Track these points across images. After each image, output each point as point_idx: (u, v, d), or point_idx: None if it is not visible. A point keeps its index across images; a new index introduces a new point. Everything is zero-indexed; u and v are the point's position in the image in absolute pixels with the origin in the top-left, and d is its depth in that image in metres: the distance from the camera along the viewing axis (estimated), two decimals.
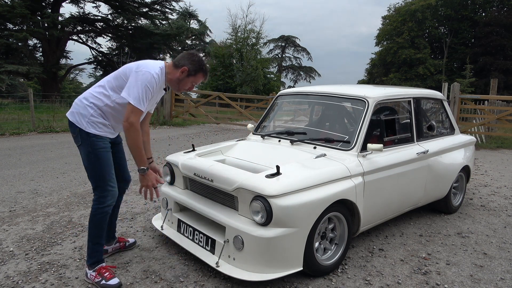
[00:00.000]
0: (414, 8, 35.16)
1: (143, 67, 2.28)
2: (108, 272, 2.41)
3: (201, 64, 2.42)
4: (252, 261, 2.30)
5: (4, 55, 19.19)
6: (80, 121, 2.32)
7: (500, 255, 3.06)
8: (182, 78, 2.41)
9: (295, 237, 2.31)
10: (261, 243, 2.25)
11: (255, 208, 2.31)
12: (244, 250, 2.31)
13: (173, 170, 3.10)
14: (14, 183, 4.90)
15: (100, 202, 2.38)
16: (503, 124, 9.41)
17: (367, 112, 2.97)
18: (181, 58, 2.41)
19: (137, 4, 22.41)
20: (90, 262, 2.43)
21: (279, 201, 2.25)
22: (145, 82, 2.23)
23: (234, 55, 25.42)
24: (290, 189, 2.31)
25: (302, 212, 2.32)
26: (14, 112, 12.10)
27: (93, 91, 2.39)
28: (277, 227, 2.26)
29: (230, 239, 2.39)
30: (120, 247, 2.89)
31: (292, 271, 2.34)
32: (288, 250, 2.31)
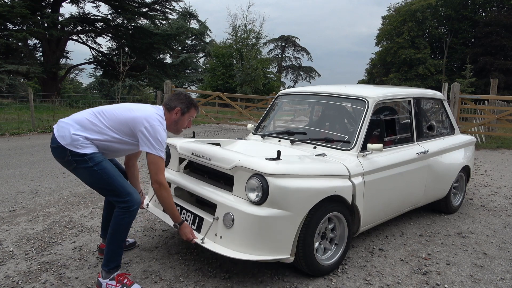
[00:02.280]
0: (414, 8, 35.17)
1: (152, 121, 2.31)
2: (127, 278, 2.36)
3: (190, 100, 2.54)
4: (240, 240, 2.24)
5: (4, 55, 19.18)
6: (72, 144, 2.23)
7: (500, 255, 3.06)
8: (178, 118, 2.51)
9: (288, 221, 2.28)
10: (252, 221, 2.21)
11: (252, 185, 2.28)
12: (233, 228, 2.26)
13: (170, 152, 3.09)
14: (14, 183, 4.90)
15: (128, 208, 2.30)
16: (503, 124, 9.41)
17: (367, 112, 2.97)
18: (170, 101, 2.50)
19: (137, 4, 22.42)
20: (110, 267, 2.32)
21: (276, 181, 2.23)
22: (162, 137, 2.32)
23: (234, 55, 25.42)
24: (288, 171, 2.30)
25: (297, 198, 2.29)
26: (14, 112, 12.10)
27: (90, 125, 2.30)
28: (271, 207, 2.23)
29: (220, 217, 2.35)
30: None
31: (279, 256, 2.28)
32: (278, 234, 2.26)
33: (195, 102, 2.59)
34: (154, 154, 2.27)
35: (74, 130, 2.26)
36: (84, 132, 2.28)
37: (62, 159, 2.28)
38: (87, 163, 2.24)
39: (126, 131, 2.33)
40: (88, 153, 2.25)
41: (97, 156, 2.28)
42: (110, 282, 2.31)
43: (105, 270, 2.33)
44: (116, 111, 2.36)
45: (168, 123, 2.48)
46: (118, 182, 2.30)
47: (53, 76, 21.27)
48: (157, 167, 2.28)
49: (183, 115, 2.52)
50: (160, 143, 2.30)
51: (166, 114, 2.47)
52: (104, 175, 2.27)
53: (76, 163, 2.25)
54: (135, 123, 2.31)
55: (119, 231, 2.32)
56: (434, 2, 34.44)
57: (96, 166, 2.25)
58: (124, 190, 2.31)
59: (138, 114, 2.33)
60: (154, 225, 3.49)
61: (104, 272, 2.33)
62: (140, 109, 2.37)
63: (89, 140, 2.28)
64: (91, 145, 2.28)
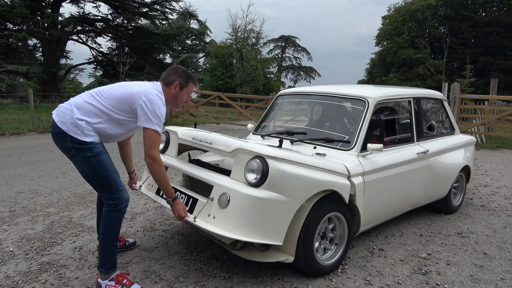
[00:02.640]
0: (414, 8, 35.17)
1: (151, 95, 2.29)
2: (126, 279, 2.34)
3: (188, 74, 2.51)
4: (234, 221, 2.19)
5: (4, 55, 19.18)
6: (72, 130, 2.22)
7: (500, 255, 3.05)
8: (177, 92, 2.47)
9: (283, 207, 2.25)
10: (249, 202, 2.18)
11: (252, 166, 2.25)
12: (227, 208, 2.22)
13: (169, 139, 3.06)
14: (14, 183, 4.90)
15: (117, 205, 2.30)
16: (503, 124, 9.41)
17: (367, 112, 2.97)
18: (168, 76, 2.46)
19: (137, 4, 22.42)
20: (106, 267, 2.31)
21: (277, 164, 2.22)
22: (161, 111, 2.29)
23: (234, 55, 25.42)
24: (289, 157, 2.29)
25: (295, 184, 2.28)
26: (14, 112, 12.10)
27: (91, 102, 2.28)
28: (269, 190, 2.21)
29: (215, 197, 2.31)
30: (120, 246, 2.88)
31: (270, 241, 2.22)
32: (273, 219, 2.22)
33: (193, 76, 2.56)
34: (150, 128, 2.23)
35: (77, 115, 2.25)
36: (85, 116, 2.26)
37: (62, 145, 2.27)
38: (86, 153, 2.23)
39: (125, 108, 2.30)
40: (88, 141, 2.24)
41: (96, 146, 2.27)
42: (109, 283, 2.30)
43: (103, 272, 2.32)
44: (113, 90, 2.33)
45: (167, 97, 2.44)
46: (112, 178, 2.30)
47: (53, 76, 21.27)
48: (152, 141, 2.24)
49: (181, 89, 2.48)
50: (158, 117, 2.26)
51: (165, 89, 2.43)
52: (100, 168, 2.26)
53: (75, 150, 2.24)
54: (133, 98, 2.27)
55: (110, 230, 2.31)
56: (434, 2, 34.44)
57: (93, 157, 2.25)
58: (116, 187, 2.30)
59: (136, 90, 2.30)
60: (154, 225, 3.49)
61: (102, 274, 2.32)
62: (137, 85, 2.35)
63: (91, 125, 2.26)
64: (92, 132, 2.27)
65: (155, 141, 2.25)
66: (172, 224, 3.53)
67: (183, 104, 2.58)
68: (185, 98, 2.55)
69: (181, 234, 3.29)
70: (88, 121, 2.26)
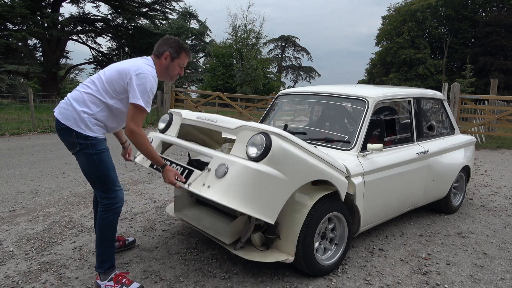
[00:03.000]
0: (414, 8, 35.17)
1: (141, 69, 2.23)
2: (125, 278, 2.34)
3: (180, 44, 2.40)
4: (229, 189, 2.12)
5: (4, 55, 19.18)
6: (78, 125, 2.22)
7: (500, 255, 3.06)
8: (168, 64, 2.39)
9: (281, 186, 2.20)
10: (247, 173, 2.13)
11: (255, 140, 2.22)
12: (224, 178, 2.14)
13: (172, 120, 3.00)
14: (14, 183, 4.90)
15: (112, 205, 2.30)
16: (503, 124, 9.41)
17: (367, 112, 2.97)
18: (159, 47, 2.39)
19: (137, 4, 22.42)
20: (104, 268, 2.30)
21: (280, 141, 2.20)
22: (149, 86, 2.22)
23: (234, 55, 25.42)
24: (292, 139, 2.26)
25: (295, 166, 2.25)
26: (14, 112, 12.10)
27: (87, 92, 2.27)
28: (269, 165, 2.16)
29: (213, 168, 2.24)
30: (119, 245, 2.88)
31: (262, 217, 2.13)
32: (269, 195, 2.16)
33: (186, 47, 2.45)
34: (135, 103, 2.17)
35: (78, 107, 2.23)
36: (85, 107, 2.24)
37: (68, 141, 2.26)
38: (89, 149, 2.23)
39: (119, 89, 2.25)
40: (92, 136, 2.23)
41: (99, 143, 2.27)
42: (108, 283, 2.30)
43: (101, 272, 2.31)
44: (104, 73, 2.31)
45: (159, 70, 2.38)
46: (111, 177, 2.30)
47: (53, 76, 21.27)
48: (134, 114, 2.18)
49: (172, 60, 2.39)
50: (146, 92, 2.20)
51: (156, 61, 2.37)
52: (100, 166, 2.26)
53: (80, 146, 2.23)
54: (123, 75, 2.22)
55: (105, 230, 2.31)
56: (434, 2, 34.44)
57: (95, 155, 2.24)
58: (113, 187, 2.31)
59: (125, 66, 2.26)
60: (154, 225, 3.49)
61: (101, 274, 2.32)
62: (126, 62, 2.31)
63: (93, 116, 2.25)
64: (96, 125, 2.26)
65: (137, 114, 2.18)
66: (172, 224, 3.53)
67: (176, 76, 2.50)
68: (178, 71, 2.46)
69: (181, 234, 3.29)
70: (89, 112, 2.24)
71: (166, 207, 3.46)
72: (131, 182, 5.05)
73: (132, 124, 2.18)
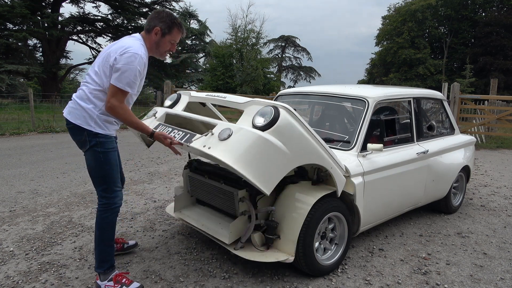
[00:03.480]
0: (414, 8, 35.15)
1: (127, 48, 2.14)
2: (125, 278, 2.33)
3: (172, 18, 2.29)
4: (230, 151, 2.07)
5: (4, 55, 19.19)
6: (87, 123, 2.21)
7: (500, 255, 3.06)
8: (158, 40, 2.29)
9: (282, 158, 2.17)
10: (251, 138, 2.09)
11: (264, 111, 2.20)
12: (227, 141, 2.10)
13: (180, 98, 2.96)
14: (14, 183, 4.90)
15: (110, 204, 2.29)
16: (503, 124, 9.41)
17: (367, 112, 2.97)
18: (150, 21, 2.29)
19: (137, 4, 22.42)
20: (104, 268, 2.30)
21: (288, 116, 2.19)
22: (133, 64, 2.13)
23: (234, 55, 25.42)
24: (299, 117, 2.25)
25: (299, 143, 2.24)
26: (14, 112, 12.10)
27: (90, 89, 2.24)
28: (273, 136, 2.14)
29: (216, 132, 2.19)
30: (117, 248, 2.80)
31: (260, 185, 2.07)
32: (269, 164, 2.12)
33: (179, 22, 2.32)
34: (114, 84, 2.12)
35: (84, 104, 2.22)
36: (91, 104, 2.22)
37: (79, 139, 2.26)
38: (97, 147, 2.22)
39: (109, 73, 2.18)
40: (102, 133, 2.22)
41: (108, 142, 2.26)
42: (108, 284, 2.29)
43: (101, 272, 2.31)
44: (96, 62, 2.28)
45: (149, 46, 2.29)
46: (113, 178, 2.30)
47: (53, 76, 21.28)
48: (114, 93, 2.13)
49: (163, 36, 2.28)
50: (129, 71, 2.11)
51: (146, 36, 2.28)
52: (105, 165, 2.26)
53: (89, 143, 2.22)
54: (108, 57, 2.17)
55: (104, 230, 2.31)
56: (434, 2, 34.42)
57: (102, 153, 2.24)
58: (113, 187, 2.31)
59: (111, 48, 2.21)
60: (154, 225, 3.49)
61: (101, 275, 2.31)
62: (113, 44, 2.25)
63: (100, 112, 2.22)
64: (105, 122, 2.24)
65: (118, 94, 2.14)
66: (172, 224, 3.53)
67: (166, 54, 2.39)
68: (168, 47, 2.36)
69: (181, 234, 3.29)
70: (95, 108, 2.22)
71: (166, 207, 3.46)
72: (131, 182, 5.05)
73: (113, 100, 2.14)
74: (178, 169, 5.85)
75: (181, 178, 3.27)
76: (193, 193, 3.11)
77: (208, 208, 3.06)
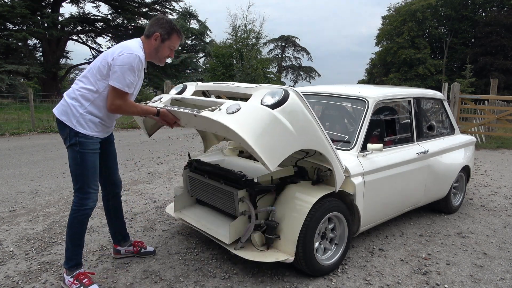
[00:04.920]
0: (414, 8, 35.15)
1: (125, 50, 2.18)
2: (87, 278, 2.35)
3: (172, 25, 2.33)
4: (238, 121, 2.05)
5: (4, 55, 19.20)
6: (69, 120, 2.24)
7: (500, 255, 3.06)
8: (158, 45, 2.33)
9: (288, 137, 2.16)
10: (260, 112, 2.09)
11: (274, 91, 2.21)
12: (235, 114, 2.08)
13: (186, 87, 2.95)
14: (14, 183, 4.90)
15: (81, 205, 2.31)
16: (503, 124, 9.40)
17: (367, 112, 2.97)
18: (150, 27, 2.33)
19: (137, 4, 22.45)
20: (69, 265, 2.36)
21: (297, 98, 2.19)
22: (131, 64, 2.16)
23: (234, 55, 25.41)
24: (307, 103, 2.26)
25: (305, 125, 2.24)
26: (14, 112, 12.10)
27: (79, 87, 2.27)
28: (281, 114, 2.13)
29: (224, 107, 2.16)
30: (133, 251, 2.83)
31: (264, 158, 2.04)
32: (275, 141, 2.11)
33: (178, 28, 2.37)
34: (113, 85, 2.15)
35: (70, 101, 2.26)
36: (76, 102, 2.25)
37: (63, 135, 2.31)
38: (76, 147, 2.26)
39: (106, 72, 2.20)
40: (82, 132, 2.24)
41: (88, 142, 2.27)
42: (71, 280, 2.35)
43: (66, 268, 2.36)
44: (94, 62, 2.30)
45: (148, 51, 2.32)
46: (88, 180, 2.30)
47: (53, 76, 21.29)
48: (115, 95, 2.18)
49: (163, 42, 2.32)
50: (128, 71, 2.14)
51: (146, 42, 2.32)
52: (81, 166, 2.27)
53: (69, 141, 2.26)
54: (107, 57, 2.19)
55: (72, 229, 2.34)
56: (434, 2, 34.42)
57: (79, 154, 2.26)
58: (87, 188, 2.31)
59: (110, 50, 2.24)
60: (154, 225, 3.49)
61: (67, 270, 2.37)
62: (113, 47, 2.27)
63: (85, 111, 2.25)
64: (89, 122, 2.26)
65: (119, 95, 2.19)
66: (172, 224, 3.53)
67: (165, 59, 2.42)
68: (167, 53, 2.39)
69: (181, 234, 3.29)
70: (80, 107, 2.24)
71: (166, 207, 3.46)
72: (131, 182, 5.05)
73: (118, 101, 2.20)
74: (178, 169, 5.85)
75: (181, 178, 3.27)
76: (193, 193, 3.11)
77: (208, 208, 3.06)
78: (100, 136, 2.37)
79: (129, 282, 2.47)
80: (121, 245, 2.80)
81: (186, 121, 2.48)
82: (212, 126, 2.27)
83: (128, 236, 2.86)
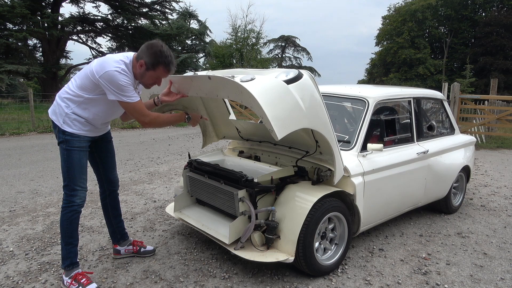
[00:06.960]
0: (414, 8, 35.17)
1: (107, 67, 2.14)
2: (85, 278, 2.36)
3: (159, 57, 2.20)
4: (252, 85, 2.05)
5: (4, 55, 19.19)
6: (57, 119, 2.31)
7: (500, 255, 3.05)
8: (143, 72, 2.26)
9: (298, 112, 2.17)
10: (274, 83, 2.12)
11: (290, 70, 2.27)
12: (249, 81, 2.08)
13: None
14: (14, 183, 4.89)
15: (69, 202, 2.35)
16: (503, 124, 9.40)
17: (367, 112, 2.97)
18: (140, 51, 2.25)
19: (137, 4, 22.43)
20: (65, 264, 2.37)
21: (309, 79, 2.26)
22: (122, 80, 2.14)
23: (234, 55, 25.41)
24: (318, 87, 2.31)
25: (314, 105, 2.26)
26: (14, 112, 12.10)
27: (68, 88, 2.31)
28: (295, 90, 2.15)
29: (238, 77, 2.16)
30: (133, 251, 2.83)
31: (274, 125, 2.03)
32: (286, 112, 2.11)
33: (167, 61, 2.23)
34: (124, 101, 2.19)
35: (60, 101, 2.31)
36: (63, 103, 2.30)
37: (55, 133, 2.38)
38: (63, 144, 2.31)
39: (91, 87, 2.21)
40: (68, 131, 2.29)
41: (74, 140, 2.30)
42: (69, 280, 2.36)
43: (63, 268, 2.39)
44: (80, 72, 2.30)
45: (134, 73, 2.27)
46: (75, 177, 2.33)
47: (53, 76, 21.28)
48: (137, 110, 2.25)
49: (147, 70, 2.24)
50: (123, 87, 2.15)
51: (134, 63, 2.25)
52: (66, 162, 2.32)
53: (59, 139, 2.32)
54: (91, 75, 2.18)
55: (62, 226, 2.38)
56: (434, 2, 34.44)
57: (66, 151, 2.31)
58: (73, 186, 2.34)
59: (95, 64, 2.20)
60: (154, 225, 3.49)
61: (64, 270, 2.39)
62: (99, 59, 2.22)
63: (71, 111, 2.28)
64: (75, 121, 2.29)
65: (138, 109, 2.25)
66: (172, 224, 3.53)
67: (150, 86, 2.36)
68: (152, 81, 2.32)
69: (181, 234, 3.29)
70: (67, 108, 2.29)
71: (166, 207, 3.46)
72: (131, 182, 5.05)
73: (142, 118, 2.29)
74: (178, 169, 5.85)
75: (181, 178, 3.27)
76: (193, 193, 3.11)
77: (208, 208, 3.06)
78: (89, 135, 2.38)
79: (129, 282, 2.47)
80: (120, 244, 2.80)
81: (197, 89, 2.46)
82: (225, 90, 2.26)
83: (127, 235, 2.86)
